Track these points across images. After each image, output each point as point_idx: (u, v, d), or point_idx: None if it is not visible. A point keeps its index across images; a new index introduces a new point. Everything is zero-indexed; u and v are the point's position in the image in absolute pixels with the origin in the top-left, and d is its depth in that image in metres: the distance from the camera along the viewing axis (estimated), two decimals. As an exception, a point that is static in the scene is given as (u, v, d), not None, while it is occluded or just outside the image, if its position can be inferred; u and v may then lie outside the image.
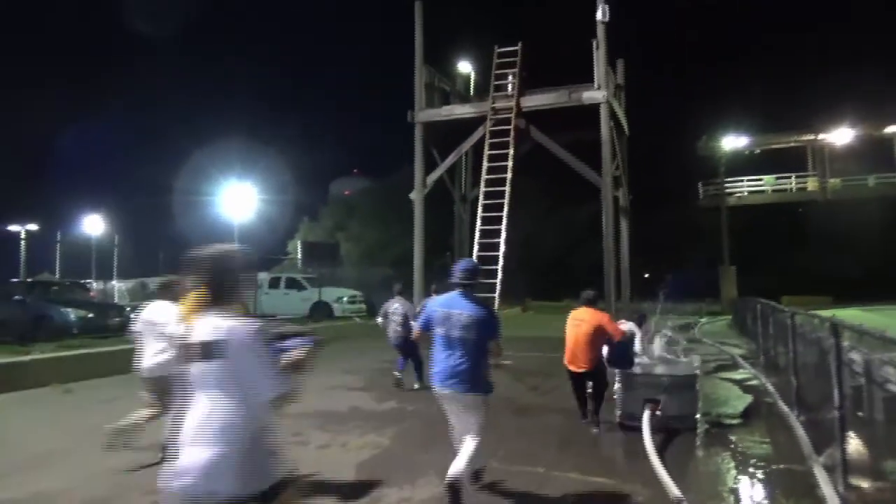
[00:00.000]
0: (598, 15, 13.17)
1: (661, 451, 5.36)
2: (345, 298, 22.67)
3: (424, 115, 14.65)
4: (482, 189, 13.17)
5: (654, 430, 5.77)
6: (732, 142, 36.72)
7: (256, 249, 32.28)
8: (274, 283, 23.36)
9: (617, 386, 6.50)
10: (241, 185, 35.37)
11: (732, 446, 5.82)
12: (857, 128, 34.88)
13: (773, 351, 11.01)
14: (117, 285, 36.36)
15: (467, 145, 14.43)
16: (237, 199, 34.47)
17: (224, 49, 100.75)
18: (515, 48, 14.37)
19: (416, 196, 14.76)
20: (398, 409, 7.43)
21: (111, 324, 13.52)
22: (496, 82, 14.16)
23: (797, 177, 36.47)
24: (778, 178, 36.93)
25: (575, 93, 13.58)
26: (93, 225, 39.81)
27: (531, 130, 13.73)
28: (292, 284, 23.26)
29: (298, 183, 49.27)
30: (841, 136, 35.15)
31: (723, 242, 37.19)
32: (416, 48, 14.76)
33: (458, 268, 4.25)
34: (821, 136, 35.36)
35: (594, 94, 13.28)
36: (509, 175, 13.23)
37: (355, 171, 61.94)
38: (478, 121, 14.20)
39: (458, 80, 16.98)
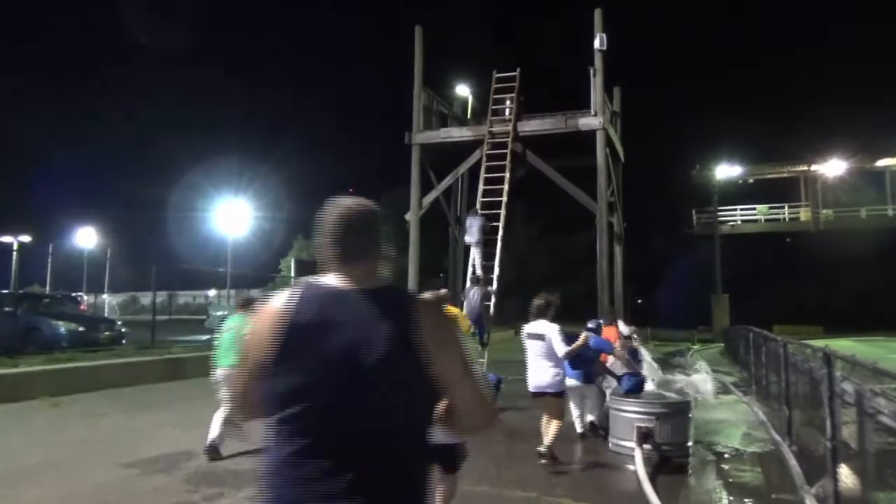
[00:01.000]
0: (596, 43, 13.34)
1: (653, 478, 5.32)
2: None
3: (422, 136, 14.73)
4: (478, 212, 13.21)
5: (647, 457, 5.75)
6: (726, 171, 37.13)
7: (249, 267, 32.26)
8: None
9: (609, 411, 6.48)
10: (235, 202, 35.47)
11: (724, 475, 5.80)
12: (849, 160, 35.31)
13: (766, 380, 11.06)
14: (108, 299, 36.18)
15: (464, 168, 14.50)
16: (231, 216, 34.52)
17: (222, 64, 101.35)
18: (514, 74, 14.51)
19: (411, 217, 14.78)
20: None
21: (102, 338, 13.41)
22: (494, 107, 14.27)
23: (790, 207, 36.80)
24: (771, 208, 37.25)
25: (572, 119, 13.70)
26: (86, 237, 39.60)
27: (527, 155, 13.82)
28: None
29: (293, 200, 49.28)
30: (833, 167, 35.57)
31: (716, 270, 37.41)
32: (415, 71, 14.90)
33: None
34: (814, 168, 35.77)
35: (590, 121, 13.40)
36: (505, 199, 13.27)
37: (351, 189, 62.01)
38: (475, 144, 14.27)
39: (456, 104, 17.11)
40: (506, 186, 13.31)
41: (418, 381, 1.44)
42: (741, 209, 37.54)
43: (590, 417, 7.01)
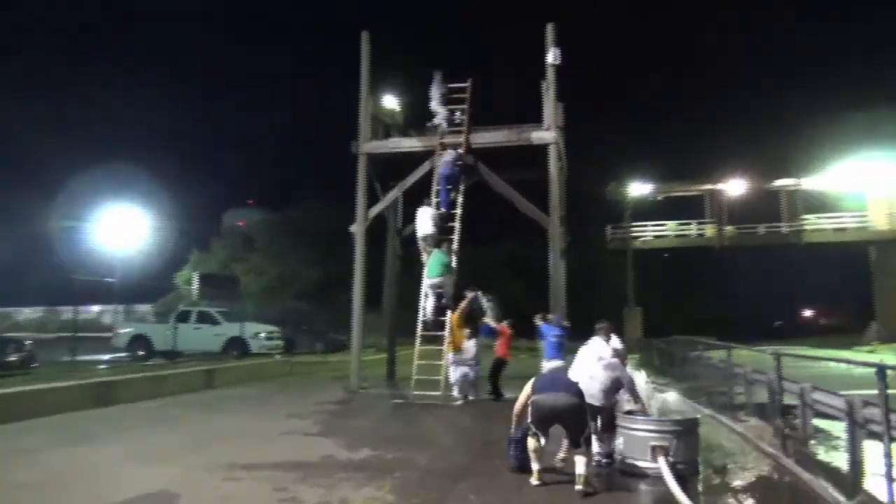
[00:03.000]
0: (549, 58, 13.39)
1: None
2: (262, 334, 21.50)
3: (369, 146, 14.21)
4: (430, 203, 12.92)
5: (658, 475, 5.62)
6: (639, 188, 38.70)
7: (140, 279, 30.16)
8: (183, 317, 21.75)
9: (621, 430, 6.30)
10: (123, 212, 33.11)
11: (738, 484, 5.77)
12: (749, 180, 37.74)
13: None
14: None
15: (412, 179, 14.09)
16: (119, 227, 32.21)
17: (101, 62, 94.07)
18: (465, 85, 14.34)
19: (357, 229, 14.18)
20: (377, 457, 6.84)
21: (11, 361, 11.97)
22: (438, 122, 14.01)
23: (697, 223, 38.83)
24: (680, 224, 39.17)
25: (524, 132, 13.65)
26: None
27: (479, 167, 13.65)
28: (204, 318, 21.76)
29: (187, 213, 46.91)
30: (735, 186, 37.87)
31: (628, 284, 38.84)
32: (361, 77, 14.40)
33: None
34: (718, 186, 37.93)
35: (543, 135, 13.41)
36: (459, 211, 13.03)
37: (251, 201, 59.81)
38: (424, 155, 13.96)
39: (397, 114, 16.71)
40: (460, 198, 13.09)
41: None
42: (652, 225, 39.25)
43: None
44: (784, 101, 72.67)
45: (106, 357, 19.71)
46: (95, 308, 35.53)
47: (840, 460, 6.60)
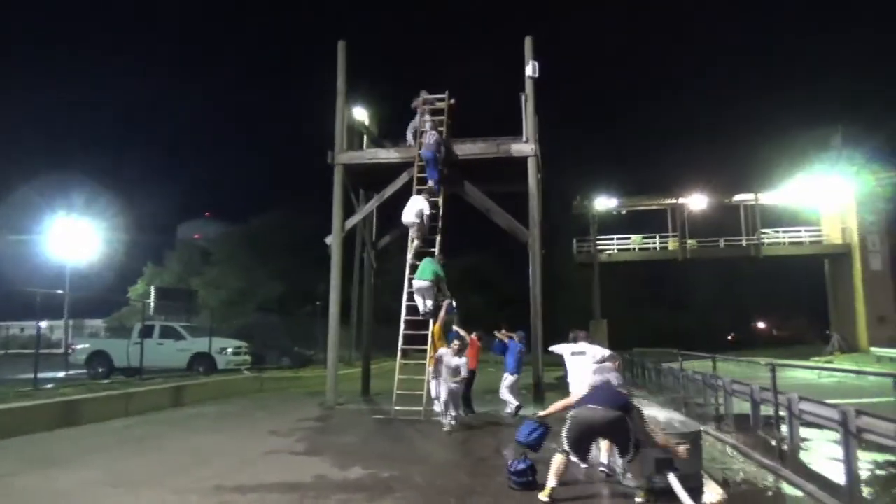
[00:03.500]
0: (528, 70, 13.41)
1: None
2: (229, 350, 20.85)
3: (346, 156, 13.97)
4: (410, 240, 12.71)
5: (661, 489, 5.53)
6: (604, 202, 39.26)
7: (91, 293, 29.06)
8: (146, 332, 20.95)
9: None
10: (74, 223, 31.93)
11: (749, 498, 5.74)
12: (709, 195, 38.65)
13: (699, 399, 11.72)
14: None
15: (391, 190, 13.89)
16: (69, 238, 31.05)
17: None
18: (442, 96, 14.26)
19: (333, 241, 13.87)
20: (372, 476, 6.60)
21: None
22: (423, 129, 13.85)
23: (661, 237, 39.53)
24: (644, 238, 39.81)
25: (504, 144, 13.61)
26: None
27: (457, 179, 13.55)
28: (168, 333, 21.00)
29: (140, 225, 45.72)
30: (696, 201, 38.72)
31: (594, 296, 39.25)
32: (338, 87, 14.16)
33: None
34: (680, 201, 38.72)
35: (523, 147, 13.38)
36: (439, 224, 12.88)
37: (207, 213, 58.65)
38: (401, 166, 13.80)
39: (369, 126, 16.53)
40: (440, 211, 12.94)
41: None
42: (617, 239, 39.81)
43: None
44: (743, 118, 75.16)
45: (61, 375, 18.81)
46: (44, 324, 34.07)
47: (837, 470, 6.63)
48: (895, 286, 34.90)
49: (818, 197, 37.49)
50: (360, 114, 16.69)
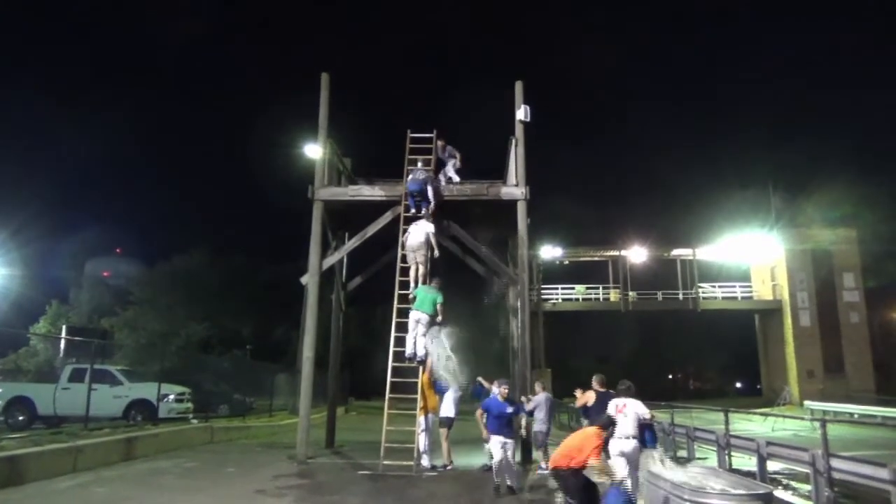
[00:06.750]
0: (519, 115, 13.25)
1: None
2: (171, 396, 19.17)
3: (327, 192, 13.26)
4: (397, 279, 12.06)
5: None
6: (549, 251, 39.67)
7: None
8: (77, 376, 19.02)
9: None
10: None
11: None
12: (649, 248, 39.81)
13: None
14: None
15: (374, 229, 13.23)
16: None
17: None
18: (430, 135, 13.90)
19: (309, 280, 13.02)
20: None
21: None
22: (409, 167, 13.38)
23: (603, 287, 40.19)
24: (588, 288, 40.38)
25: (493, 187, 13.32)
26: None
27: (444, 221, 13.09)
28: (102, 377, 19.11)
29: (42, 261, 42.73)
30: (637, 254, 39.77)
31: (538, 346, 39.17)
32: (320, 120, 13.55)
33: None
34: (622, 253, 39.65)
35: (513, 191, 13.11)
36: (435, 251, 12.29)
37: (118, 250, 55.30)
38: (385, 205, 13.23)
39: (348, 162, 15.92)
40: (427, 251, 12.37)
41: None
42: (562, 287, 40.20)
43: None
44: (682, 175, 78.83)
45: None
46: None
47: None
48: (822, 343, 36.56)
49: (751, 254, 39.27)
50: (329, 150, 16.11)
